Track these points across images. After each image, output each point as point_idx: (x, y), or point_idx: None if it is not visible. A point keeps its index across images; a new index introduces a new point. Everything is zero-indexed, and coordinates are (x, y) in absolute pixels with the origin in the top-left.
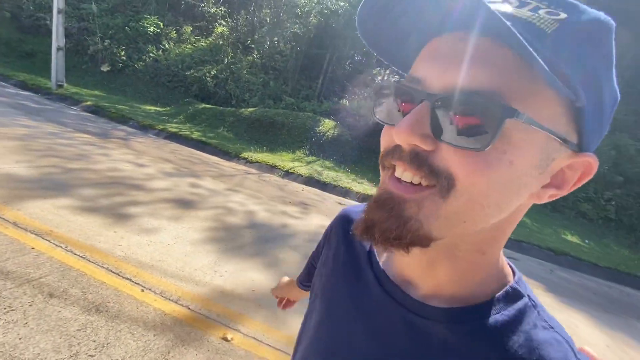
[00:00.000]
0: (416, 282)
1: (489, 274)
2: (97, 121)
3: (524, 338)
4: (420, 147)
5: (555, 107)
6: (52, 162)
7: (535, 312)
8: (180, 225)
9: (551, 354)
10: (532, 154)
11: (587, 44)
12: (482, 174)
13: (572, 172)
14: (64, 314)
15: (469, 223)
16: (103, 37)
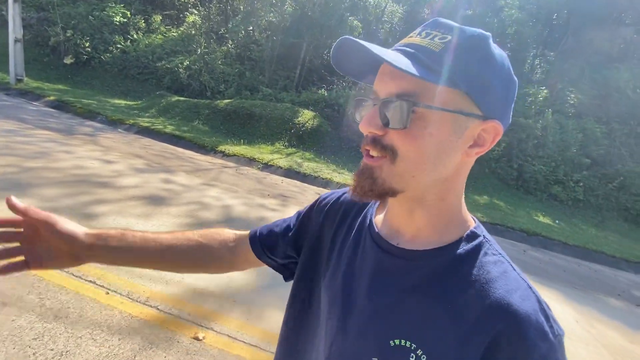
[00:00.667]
0: (402, 230)
1: (452, 220)
2: (60, 117)
3: (476, 263)
4: (375, 133)
5: (450, 95)
6: (8, 161)
7: (487, 245)
8: (151, 223)
9: (493, 270)
10: (444, 126)
11: (464, 52)
12: (411, 143)
13: (487, 134)
14: (18, 323)
15: (417, 177)
16: (65, 27)
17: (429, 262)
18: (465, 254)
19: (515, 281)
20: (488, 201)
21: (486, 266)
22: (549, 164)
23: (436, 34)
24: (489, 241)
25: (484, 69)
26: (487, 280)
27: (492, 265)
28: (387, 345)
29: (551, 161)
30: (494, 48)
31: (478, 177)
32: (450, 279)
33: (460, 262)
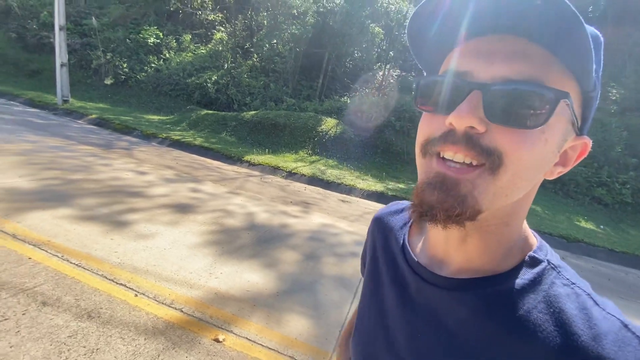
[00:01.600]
0: (448, 260)
1: (512, 245)
2: (101, 133)
3: (542, 295)
4: (475, 129)
5: (576, 94)
6: (53, 175)
7: (555, 272)
8: (178, 230)
9: (567, 305)
10: (559, 134)
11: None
12: (527, 150)
13: (573, 152)
14: (55, 322)
15: (509, 197)
16: (105, 50)
17: (479, 292)
18: (521, 285)
19: (603, 321)
20: None
21: (556, 301)
22: (590, 165)
23: None
24: (557, 267)
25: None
26: (561, 322)
27: (565, 299)
28: None
29: (593, 162)
30: None
31: None
32: (509, 314)
33: (521, 294)
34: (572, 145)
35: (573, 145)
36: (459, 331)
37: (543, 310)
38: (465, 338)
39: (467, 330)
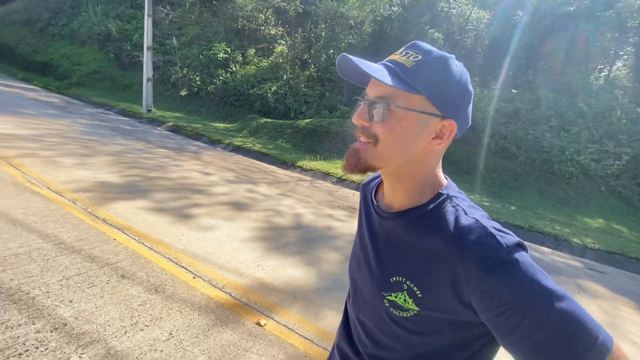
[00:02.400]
0: (391, 203)
1: (423, 189)
2: (175, 138)
3: (436, 214)
4: (363, 124)
5: (416, 99)
6: (136, 172)
7: (449, 200)
8: (233, 225)
9: (448, 216)
10: (412, 121)
11: (429, 68)
12: (388, 132)
13: (445, 130)
14: (130, 292)
15: (392, 158)
16: (182, 66)
17: (405, 218)
18: (430, 208)
19: (464, 221)
20: (604, 225)
21: (444, 215)
22: None
23: (412, 53)
24: (452, 197)
25: (443, 80)
26: (443, 226)
27: (449, 214)
28: (389, 282)
29: None
30: (455, 66)
31: (591, 196)
32: (420, 229)
33: (427, 215)
34: (442, 124)
35: (443, 124)
36: (399, 243)
37: (436, 222)
38: (402, 246)
39: (403, 241)
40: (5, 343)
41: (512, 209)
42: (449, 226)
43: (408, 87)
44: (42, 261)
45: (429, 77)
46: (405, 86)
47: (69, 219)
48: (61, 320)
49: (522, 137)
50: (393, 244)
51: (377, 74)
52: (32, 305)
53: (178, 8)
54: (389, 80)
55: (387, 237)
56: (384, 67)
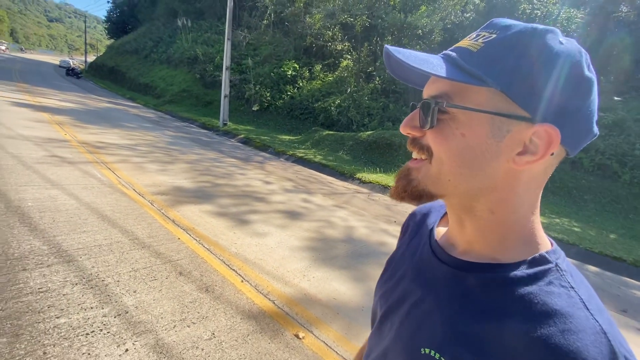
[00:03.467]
0: (456, 242)
1: (507, 237)
2: (244, 149)
3: (534, 289)
4: (412, 134)
5: (486, 95)
6: (206, 179)
7: (558, 274)
8: (285, 233)
9: (553, 301)
10: (479, 128)
11: (503, 49)
12: (442, 143)
13: (539, 140)
14: (184, 288)
15: (453, 181)
16: (255, 83)
17: (476, 275)
18: (521, 277)
19: (581, 320)
20: None
21: (545, 296)
22: None
23: (484, 34)
24: (563, 271)
25: (530, 64)
26: (541, 313)
27: (555, 297)
28: (418, 352)
29: None
30: (557, 42)
31: None
32: (496, 299)
33: (514, 284)
34: (533, 132)
35: (534, 132)
36: (449, 305)
37: (528, 300)
38: (453, 310)
39: (456, 304)
40: (78, 322)
41: (612, 237)
42: (549, 315)
43: (469, 77)
44: (118, 253)
45: (505, 61)
46: (464, 76)
47: (145, 217)
48: (124, 308)
49: (627, 152)
50: (439, 299)
51: (422, 64)
52: (105, 292)
53: (254, 31)
54: (441, 71)
55: (433, 289)
56: (442, 58)
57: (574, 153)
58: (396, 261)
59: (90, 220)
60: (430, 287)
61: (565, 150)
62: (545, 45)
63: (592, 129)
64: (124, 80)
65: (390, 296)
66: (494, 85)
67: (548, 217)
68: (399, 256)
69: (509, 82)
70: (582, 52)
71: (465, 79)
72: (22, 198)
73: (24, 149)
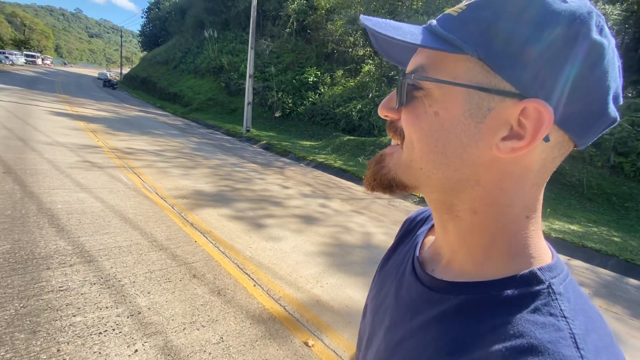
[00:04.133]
0: (442, 251)
1: (493, 245)
2: (265, 155)
3: (515, 317)
4: (388, 115)
5: (465, 65)
6: (226, 184)
7: (549, 299)
8: (300, 238)
9: (535, 334)
10: (454, 104)
11: (486, 9)
12: (413, 123)
13: (527, 120)
14: (196, 291)
15: (425, 169)
16: (277, 90)
17: (452, 298)
18: (504, 301)
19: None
20: None
21: (524, 327)
22: None
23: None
24: (557, 294)
25: (510, 25)
26: (515, 348)
27: (538, 328)
28: None
29: None
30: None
31: None
32: (472, 327)
33: (493, 309)
34: (521, 111)
35: (521, 111)
36: (422, 331)
37: (505, 331)
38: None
39: (429, 332)
40: (93, 321)
41: None
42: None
43: (442, 43)
44: (137, 254)
45: (485, 21)
46: (437, 43)
47: (165, 220)
48: (137, 309)
49: None
50: (414, 326)
51: (392, 32)
52: (120, 292)
53: (277, 39)
54: (411, 38)
55: (409, 313)
56: (423, 27)
57: (584, 143)
58: (385, 272)
59: (113, 223)
60: (407, 311)
61: (571, 139)
62: (536, 4)
63: (605, 111)
64: (154, 90)
65: (376, 314)
66: (469, 51)
67: (585, 226)
68: (388, 266)
69: (488, 47)
70: (592, 12)
71: (437, 45)
72: (53, 201)
73: (59, 154)
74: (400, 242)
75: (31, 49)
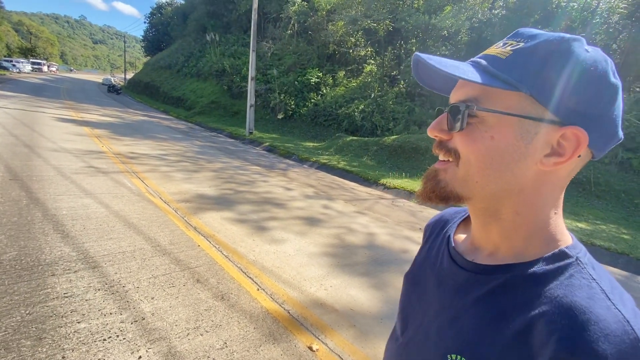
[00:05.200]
0: (481, 247)
1: (532, 237)
2: (269, 157)
3: (554, 283)
4: (440, 136)
5: (514, 98)
6: (229, 186)
7: (579, 267)
8: (304, 240)
9: (573, 293)
10: (508, 130)
11: (531, 55)
12: (470, 145)
13: (567, 142)
14: (200, 296)
15: (481, 183)
16: (280, 92)
17: (498, 277)
18: (543, 272)
19: (602, 310)
20: None
21: (566, 289)
22: None
23: (512, 43)
24: (584, 265)
25: (558, 70)
26: (561, 305)
27: (577, 289)
28: (445, 359)
29: None
30: (582, 50)
31: None
32: (519, 297)
33: (536, 280)
34: (561, 135)
35: (562, 135)
36: (473, 307)
37: (549, 295)
38: (478, 313)
39: (480, 307)
40: (97, 328)
41: None
42: (571, 307)
43: (499, 82)
44: (140, 260)
45: (534, 67)
46: (494, 81)
47: (168, 225)
48: (141, 315)
49: None
50: (463, 304)
51: (454, 70)
52: (124, 298)
53: (278, 41)
54: (475, 77)
55: (456, 295)
56: (471, 64)
57: (599, 156)
58: (415, 274)
59: (117, 228)
60: (454, 295)
61: (592, 152)
62: (572, 52)
63: (617, 133)
64: (158, 94)
65: (414, 308)
66: (525, 90)
67: (592, 224)
68: (417, 269)
69: (539, 87)
70: (607, 59)
71: (499, 85)
72: (58, 207)
73: (64, 160)
74: (426, 246)
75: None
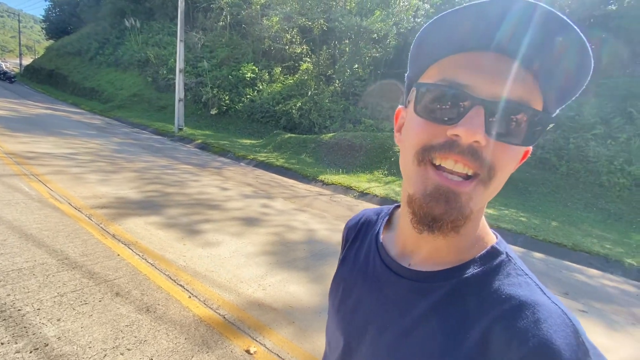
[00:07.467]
0: (417, 250)
1: (475, 239)
2: (201, 155)
3: (497, 284)
4: (478, 142)
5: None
6: (155, 188)
7: (511, 264)
8: (241, 241)
9: (519, 292)
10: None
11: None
12: (513, 164)
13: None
14: (120, 311)
15: (484, 203)
16: (212, 86)
17: (441, 284)
18: (484, 274)
19: (545, 306)
20: None
21: (509, 289)
22: None
23: None
24: (513, 259)
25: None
26: (511, 307)
27: (518, 288)
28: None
29: None
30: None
31: None
32: (467, 304)
33: (480, 284)
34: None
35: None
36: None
37: (496, 298)
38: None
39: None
40: None
41: (553, 224)
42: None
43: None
44: (42, 277)
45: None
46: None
47: (80, 234)
48: (43, 340)
49: (563, 146)
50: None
51: None
52: (20, 323)
53: (210, 32)
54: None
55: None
56: None
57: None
58: (346, 279)
59: (9, 241)
60: (398, 308)
61: None
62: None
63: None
64: (65, 85)
65: (353, 321)
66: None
67: (498, 209)
68: (347, 273)
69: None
70: None
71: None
72: None
73: None
74: (352, 251)
75: None
